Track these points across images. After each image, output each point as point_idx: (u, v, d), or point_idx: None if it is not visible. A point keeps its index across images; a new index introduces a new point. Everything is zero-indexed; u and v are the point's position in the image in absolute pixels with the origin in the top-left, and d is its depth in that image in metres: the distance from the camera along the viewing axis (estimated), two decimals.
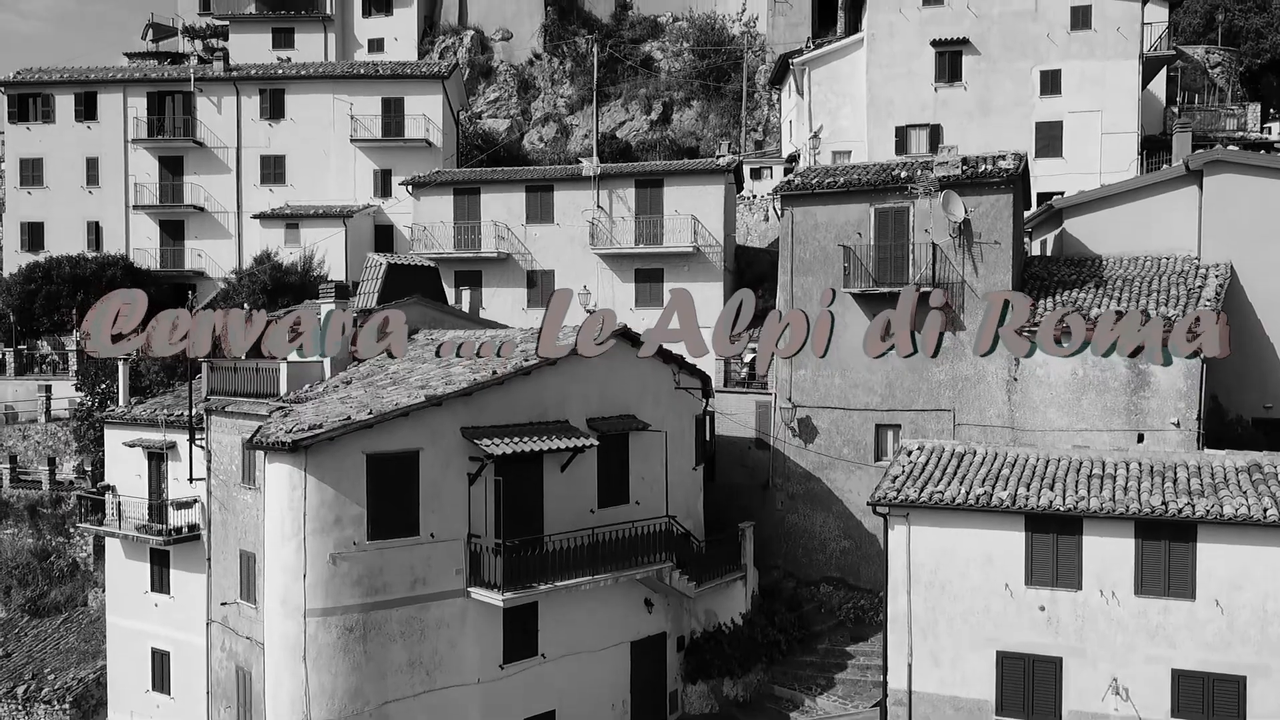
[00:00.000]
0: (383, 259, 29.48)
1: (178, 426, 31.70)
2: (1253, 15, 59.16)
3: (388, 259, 29.45)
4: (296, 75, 49.75)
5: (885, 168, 29.82)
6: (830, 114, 43.30)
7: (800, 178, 29.72)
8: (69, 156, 50.65)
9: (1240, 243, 29.13)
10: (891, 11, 41.29)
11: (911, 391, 28.22)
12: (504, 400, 21.45)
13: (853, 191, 28.55)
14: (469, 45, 62.96)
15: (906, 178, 28.20)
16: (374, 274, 29.19)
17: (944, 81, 40.88)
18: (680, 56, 62.25)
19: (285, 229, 46.61)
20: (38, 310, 45.38)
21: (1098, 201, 31.31)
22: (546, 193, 39.49)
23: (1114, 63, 39.52)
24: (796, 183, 29.43)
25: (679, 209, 38.18)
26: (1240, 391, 29.07)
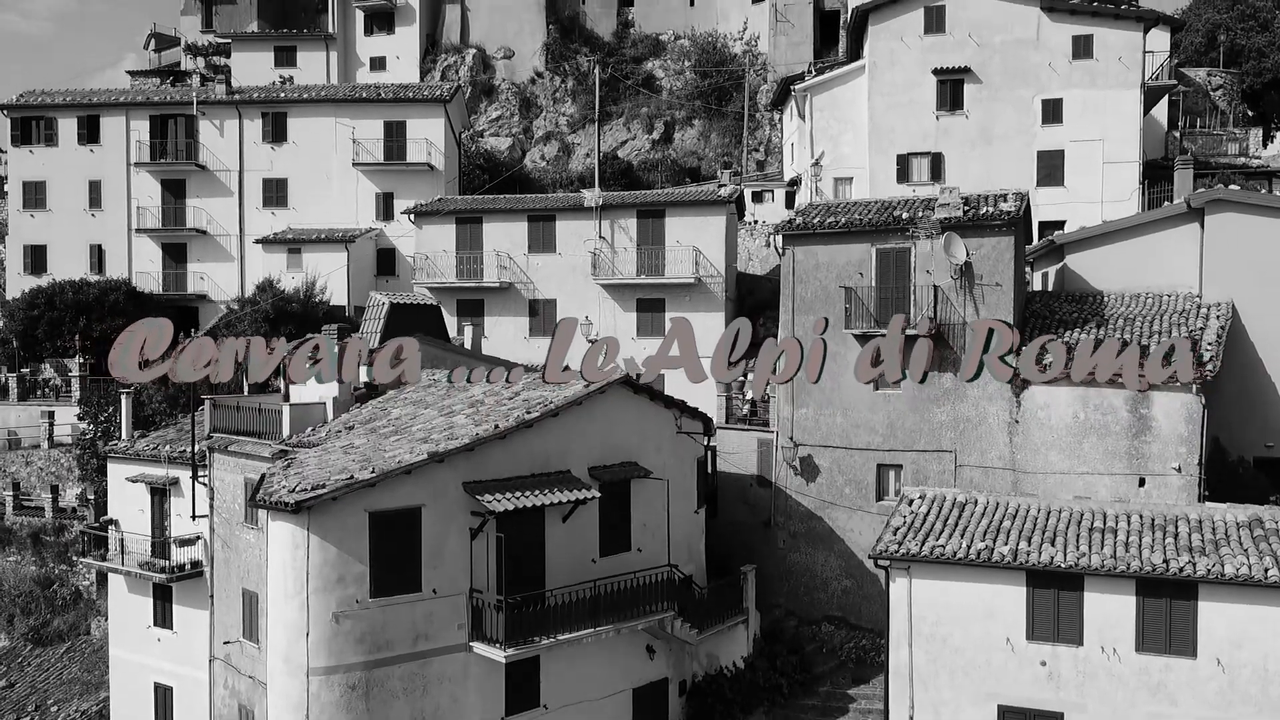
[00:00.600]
0: (385, 299, 29.54)
1: (180, 463, 31.78)
2: (1255, 34, 59.12)
3: (390, 298, 29.52)
4: (298, 98, 49.84)
5: (887, 206, 29.86)
6: (832, 140, 43.33)
7: (802, 217, 29.75)
8: (72, 179, 50.79)
9: (1242, 281, 29.14)
10: (893, 40, 41.31)
11: (913, 432, 28.25)
12: (506, 452, 21.51)
13: (854, 232, 28.59)
14: (471, 64, 63.02)
15: (908, 219, 28.22)
16: (376, 314, 29.27)
17: (945, 110, 40.90)
18: (682, 75, 62.30)
19: (287, 254, 46.70)
20: (40, 335, 45.45)
21: (1099, 237, 31.32)
22: (548, 222, 39.54)
23: (1115, 92, 39.53)
24: (798, 222, 29.46)
25: (680, 239, 38.23)
26: (1242, 430, 29.06)
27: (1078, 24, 39.86)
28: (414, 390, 27.64)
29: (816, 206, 31.33)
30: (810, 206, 31.46)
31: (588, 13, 64.79)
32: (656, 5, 64.49)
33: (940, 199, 28.18)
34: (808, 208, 31.04)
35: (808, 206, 31.24)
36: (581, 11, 64.70)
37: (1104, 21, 39.71)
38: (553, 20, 63.60)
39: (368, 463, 20.55)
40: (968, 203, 28.09)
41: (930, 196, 30.75)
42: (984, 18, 40.53)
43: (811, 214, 30.00)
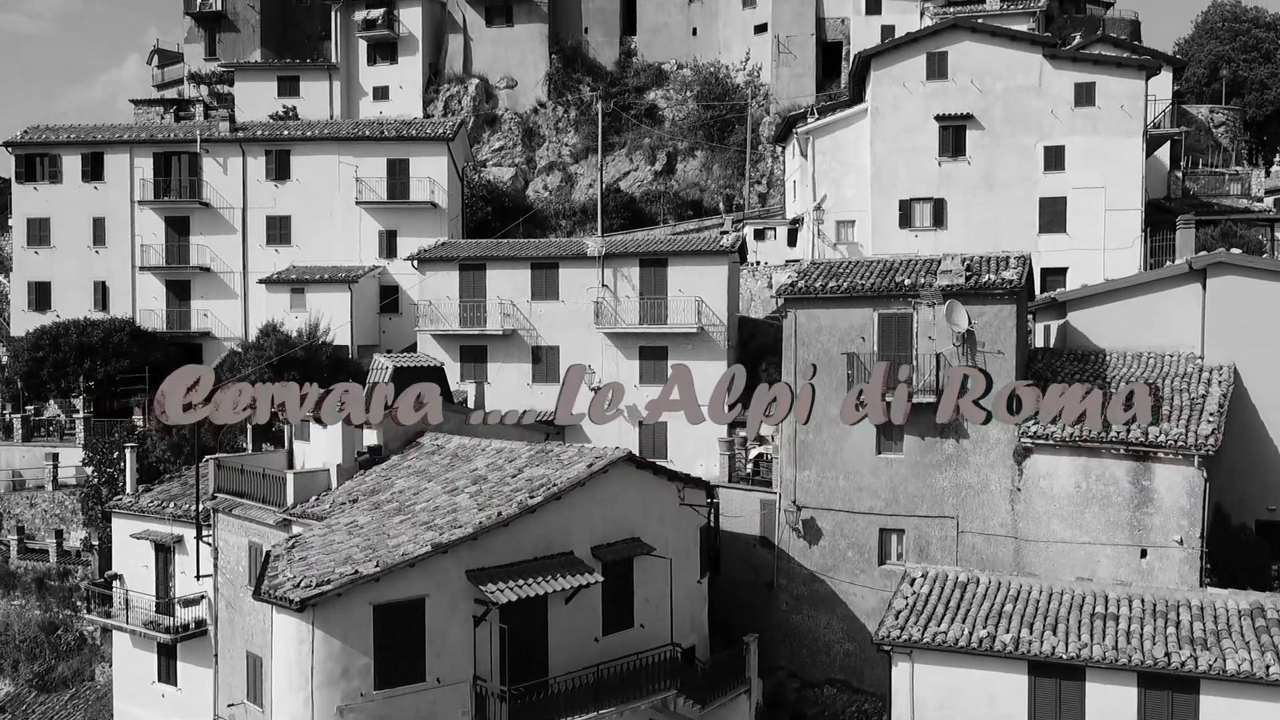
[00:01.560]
0: (389, 362, 29.64)
1: (185, 521, 31.95)
2: (1257, 65, 59.21)
3: (393, 362, 29.62)
4: (302, 136, 49.94)
5: (889, 269, 29.92)
6: (834, 183, 43.39)
7: (803, 279, 29.82)
8: (76, 216, 50.88)
9: (1243, 344, 29.17)
10: (895, 85, 41.38)
11: (915, 497, 28.33)
12: (509, 536, 21.58)
13: (856, 297, 28.67)
14: (473, 94, 63.15)
15: (910, 285, 28.30)
16: (381, 376, 29.38)
17: (948, 155, 40.96)
18: (684, 105, 62.39)
19: (291, 294, 46.75)
20: (45, 377, 45.55)
21: (1102, 295, 31.40)
22: (552, 270, 39.63)
23: (1118, 139, 39.59)
24: (800, 285, 29.54)
25: (683, 288, 38.29)
26: (1244, 491, 29.09)
27: (1080, 72, 39.93)
28: (418, 456, 27.75)
29: (818, 266, 31.40)
30: (812, 266, 31.54)
31: (590, 42, 64.90)
32: (659, 34, 64.62)
33: (942, 265, 28.24)
34: (809, 268, 31.12)
35: (809, 266, 31.31)
36: (584, 41, 64.81)
37: (1106, 69, 39.77)
38: (555, 50, 63.72)
39: (372, 551, 20.63)
40: (969, 269, 28.14)
41: (932, 256, 30.86)
42: (986, 64, 40.59)
43: (813, 276, 30.07)
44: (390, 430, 28.79)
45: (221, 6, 68.15)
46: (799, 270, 31.07)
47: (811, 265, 31.56)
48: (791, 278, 30.39)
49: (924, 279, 28.43)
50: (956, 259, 28.33)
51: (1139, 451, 25.82)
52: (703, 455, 38.17)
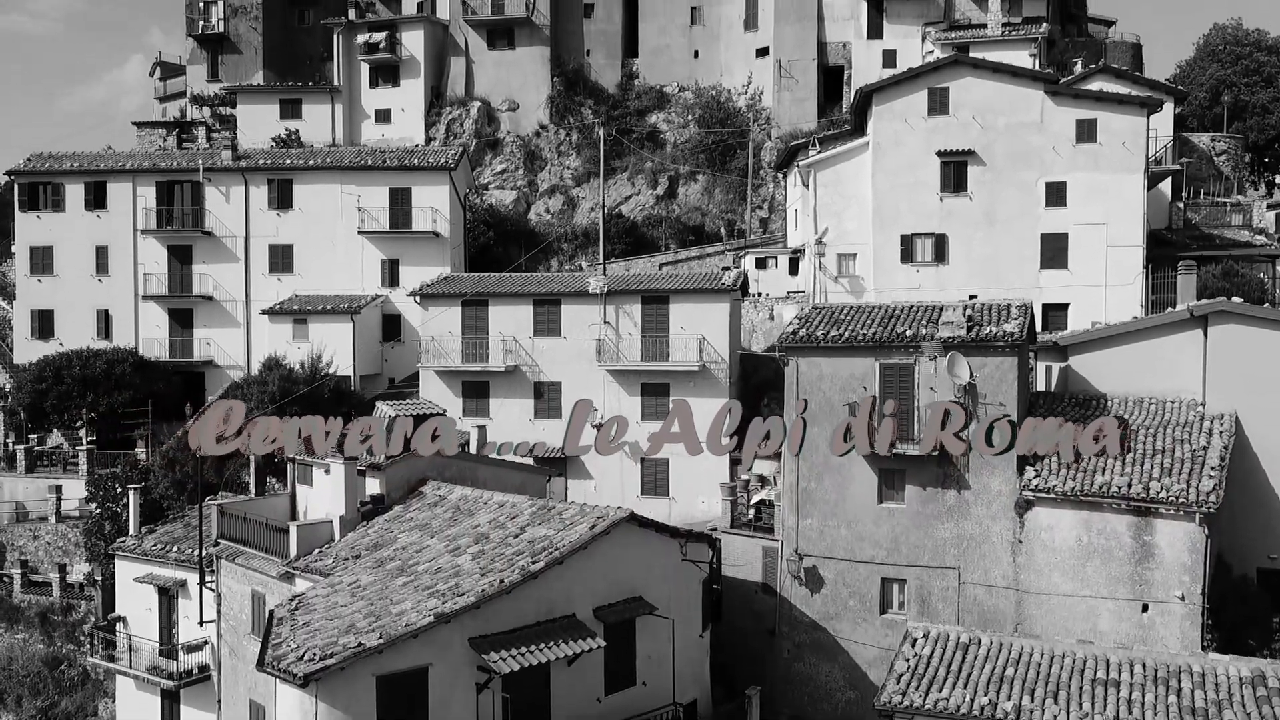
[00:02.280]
0: (391, 411, 29.71)
1: (188, 565, 32.05)
2: (1258, 90, 59.22)
3: (396, 410, 29.68)
4: (304, 165, 50.05)
5: (890, 316, 29.95)
6: (835, 216, 43.41)
7: (804, 327, 29.86)
8: (79, 245, 51.06)
9: (1245, 392, 29.15)
10: (896, 120, 41.41)
11: (917, 548, 28.37)
12: (511, 601, 21.62)
13: (857, 347, 28.72)
14: (475, 116, 63.26)
15: (911, 336, 28.35)
16: (383, 425, 29.42)
17: (949, 191, 40.99)
18: (686, 128, 62.46)
19: (293, 324, 46.87)
20: (48, 408, 45.68)
21: (1103, 340, 31.39)
22: (554, 306, 39.70)
23: (1119, 176, 39.59)
24: (801, 334, 29.58)
25: (684, 326, 38.38)
26: (1246, 539, 29.10)
27: (1081, 108, 39.94)
28: (420, 508, 27.81)
29: (819, 311, 31.43)
30: (814, 311, 31.57)
31: (592, 64, 64.98)
32: (660, 57, 64.69)
33: (944, 316, 28.29)
34: (810, 314, 31.15)
35: (810, 312, 31.34)
36: (586, 63, 64.89)
37: (1107, 106, 39.78)
38: (557, 73, 63.80)
39: (375, 619, 20.69)
40: (970, 321, 28.18)
41: (934, 303, 30.93)
42: (987, 100, 40.62)
43: (814, 323, 30.11)
44: (393, 479, 28.89)
45: (224, 28, 68.27)
46: (799, 316, 31.08)
47: (813, 310, 31.59)
48: (793, 324, 30.40)
49: (925, 329, 28.48)
50: (958, 310, 28.35)
51: (1140, 507, 25.85)
52: (704, 493, 38.38)
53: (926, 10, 58.58)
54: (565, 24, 64.65)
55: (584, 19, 64.87)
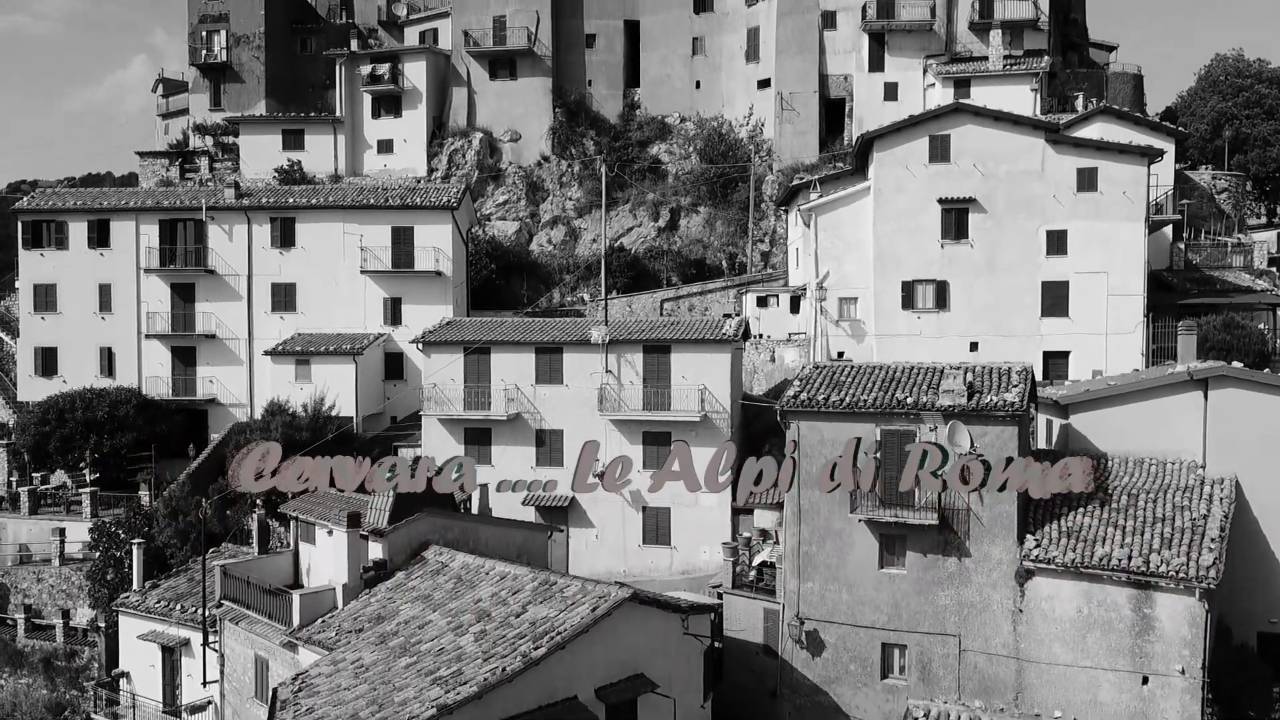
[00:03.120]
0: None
1: (192, 624, 32.19)
2: (1260, 122, 59.27)
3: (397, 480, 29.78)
4: (307, 204, 50.17)
5: (891, 379, 30.04)
6: (836, 260, 43.49)
7: (805, 391, 29.94)
8: (82, 283, 51.20)
9: (1245, 455, 29.30)
10: (898, 166, 41.50)
11: (917, 614, 28.44)
12: (513, 689, 21.69)
13: (858, 413, 28.81)
14: (478, 147, 63.40)
15: (912, 403, 28.43)
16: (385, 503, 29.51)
17: (950, 238, 41.07)
18: (688, 159, 62.57)
19: (296, 365, 46.99)
20: (52, 450, 45.85)
21: (1104, 400, 31.48)
22: (556, 354, 39.79)
23: (1120, 225, 39.68)
24: (802, 397, 29.66)
25: (686, 375, 38.46)
26: (1247, 604, 29.19)
27: (1082, 157, 40.03)
28: (422, 576, 27.89)
29: (821, 371, 31.53)
30: (815, 371, 31.65)
31: (594, 94, 65.10)
32: (662, 87, 64.82)
33: (944, 384, 28.36)
34: (811, 375, 31.23)
35: (811, 373, 31.42)
36: (588, 93, 65.00)
37: (1108, 155, 39.86)
38: (559, 104, 63.93)
39: (378, 709, 20.78)
40: (971, 388, 28.27)
41: (935, 365, 30.99)
42: (988, 148, 40.71)
43: (815, 386, 30.18)
44: (396, 544, 28.97)
45: (226, 57, 68.47)
46: (800, 377, 31.17)
47: (814, 370, 31.68)
48: (794, 386, 30.48)
49: (926, 396, 28.57)
50: (958, 378, 28.43)
51: (1140, 580, 25.93)
52: (706, 542, 38.51)
53: (928, 43, 58.67)
54: (567, 54, 64.79)
55: (586, 49, 65.00)
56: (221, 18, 68.67)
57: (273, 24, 69.07)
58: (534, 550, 32.56)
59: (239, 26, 68.45)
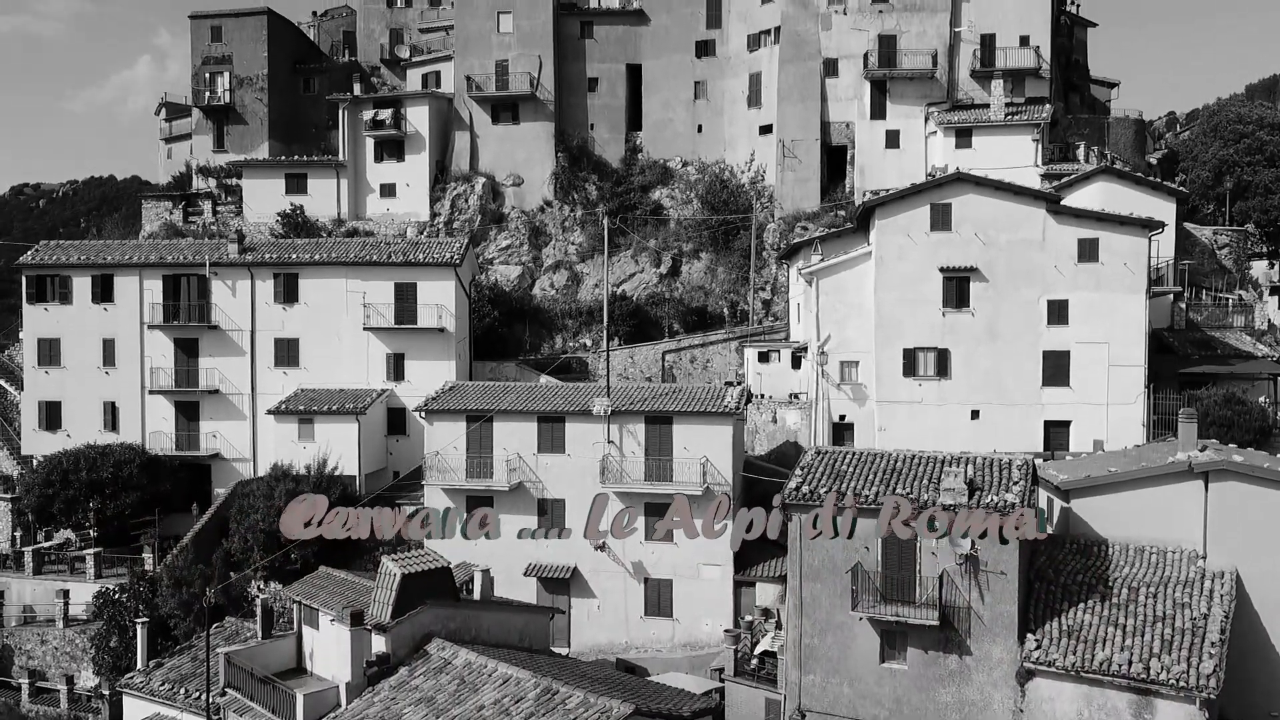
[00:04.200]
0: (397, 570, 29.80)
1: (195, 708, 32.28)
2: (1261, 169, 59.34)
3: (401, 569, 29.80)
4: (310, 260, 50.29)
5: (893, 470, 30.12)
6: (838, 323, 43.59)
7: (806, 483, 30.02)
8: (86, 337, 51.35)
9: (1246, 548, 29.37)
10: (899, 234, 41.61)
11: (919, 710, 28.50)
12: None
13: (860, 508, 28.89)
14: (480, 192, 63.57)
15: (914, 500, 28.51)
16: (388, 583, 29.55)
17: (952, 306, 41.18)
18: (690, 204, 62.71)
19: (299, 424, 47.09)
20: (56, 512, 46.03)
21: (1105, 487, 31.56)
22: (558, 423, 39.90)
23: (1121, 296, 39.79)
24: (804, 491, 29.76)
25: (688, 446, 38.58)
26: (1249, 697, 29.24)
27: (1083, 227, 40.14)
28: (425, 674, 27.95)
29: (822, 458, 31.61)
30: (817, 458, 31.73)
31: (596, 138, 65.25)
32: (664, 131, 64.97)
33: (945, 482, 28.44)
34: (812, 464, 31.30)
35: (813, 461, 31.50)
36: (590, 137, 65.14)
37: (1109, 226, 39.96)
38: (561, 148, 64.09)
39: None
40: (972, 485, 28.37)
41: (936, 455, 31.09)
42: (990, 217, 40.82)
43: (816, 477, 30.26)
44: (399, 638, 28.99)
45: (229, 99, 68.67)
46: (802, 466, 31.24)
47: (815, 457, 31.76)
48: (795, 477, 30.56)
49: (927, 492, 28.65)
50: (959, 475, 28.50)
51: (1141, 686, 26.00)
52: (708, 614, 38.64)
53: (929, 90, 58.77)
54: (569, 97, 64.95)
55: (588, 93, 65.16)
56: (225, 59, 68.91)
57: (276, 65, 69.31)
58: (535, 633, 32.65)
59: (242, 68, 68.69)
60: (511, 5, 64.09)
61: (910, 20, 58.68)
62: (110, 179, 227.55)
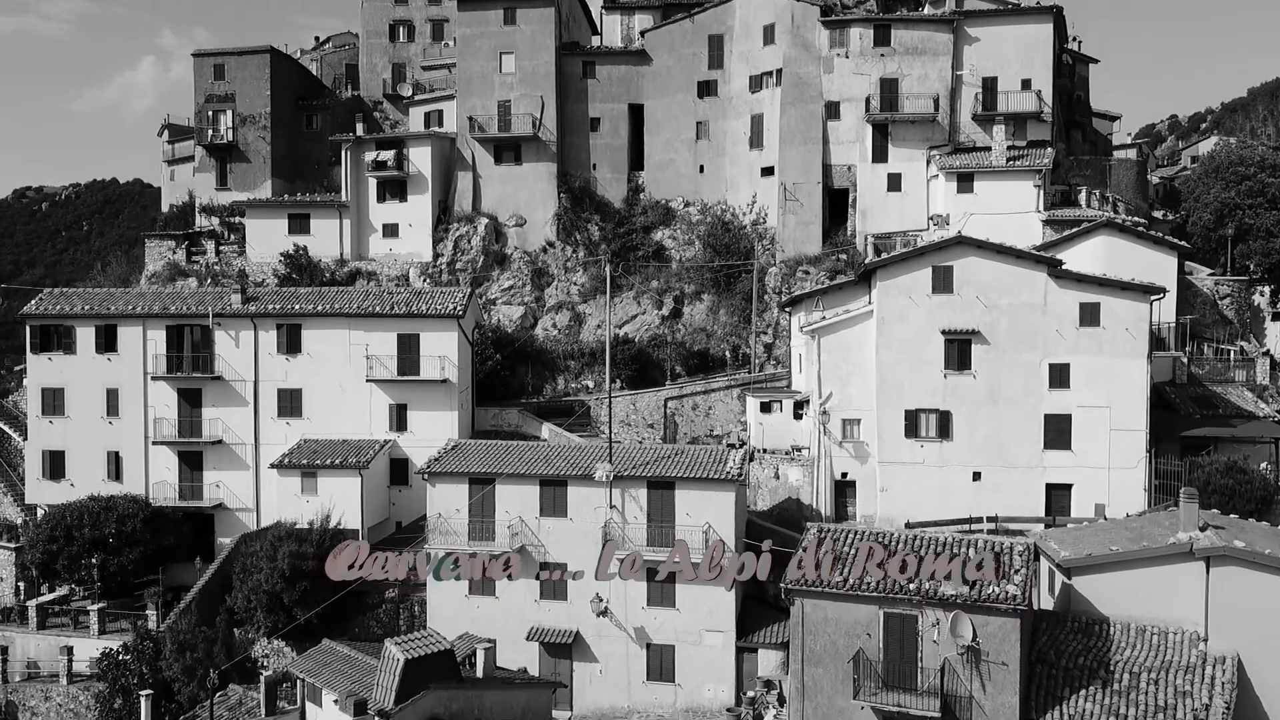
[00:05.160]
0: (400, 654, 29.91)
1: None
2: (1262, 212, 59.33)
3: (404, 654, 29.90)
4: (313, 311, 50.42)
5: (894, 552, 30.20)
6: (840, 381, 43.68)
7: (806, 572, 30.11)
8: (90, 387, 51.52)
9: (1248, 633, 29.41)
10: (901, 296, 41.70)
11: None
12: None
13: (862, 597, 28.99)
14: (483, 233, 63.73)
15: (915, 589, 28.61)
16: (391, 668, 29.67)
17: (954, 369, 41.25)
18: (692, 245, 62.79)
19: (302, 478, 47.21)
20: (60, 568, 46.19)
21: (1106, 566, 31.60)
22: (560, 487, 39.98)
23: (1123, 361, 39.84)
24: (807, 577, 29.85)
25: (690, 513, 38.64)
26: None
27: (1084, 292, 40.21)
28: None
29: (825, 535, 31.69)
30: (819, 535, 31.81)
31: (598, 178, 65.35)
32: (666, 171, 65.05)
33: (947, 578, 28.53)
34: (813, 542, 31.39)
35: (815, 537, 31.59)
36: (592, 177, 65.25)
37: (1110, 291, 40.03)
38: (564, 188, 64.18)
39: None
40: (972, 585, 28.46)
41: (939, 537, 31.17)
42: (991, 280, 40.90)
43: (818, 561, 30.36)
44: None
45: (232, 137, 68.80)
46: (804, 546, 31.32)
47: (817, 535, 31.83)
48: (798, 559, 30.64)
49: (929, 582, 28.74)
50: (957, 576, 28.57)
51: None
52: (711, 679, 38.70)
53: (931, 134, 58.80)
54: (571, 137, 65.06)
55: (590, 132, 65.26)
56: (228, 98, 69.04)
57: (279, 103, 69.43)
58: (538, 709, 32.85)
59: (245, 107, 68.82)
60: (514, 46, 64.24)
61: (912, 64, 58.73)
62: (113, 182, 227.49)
